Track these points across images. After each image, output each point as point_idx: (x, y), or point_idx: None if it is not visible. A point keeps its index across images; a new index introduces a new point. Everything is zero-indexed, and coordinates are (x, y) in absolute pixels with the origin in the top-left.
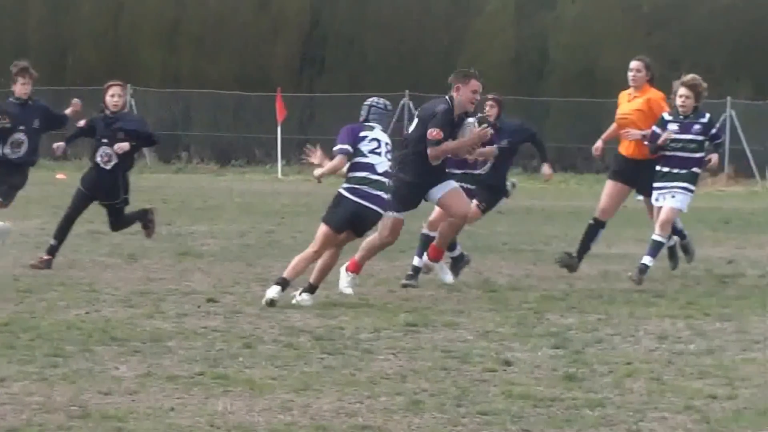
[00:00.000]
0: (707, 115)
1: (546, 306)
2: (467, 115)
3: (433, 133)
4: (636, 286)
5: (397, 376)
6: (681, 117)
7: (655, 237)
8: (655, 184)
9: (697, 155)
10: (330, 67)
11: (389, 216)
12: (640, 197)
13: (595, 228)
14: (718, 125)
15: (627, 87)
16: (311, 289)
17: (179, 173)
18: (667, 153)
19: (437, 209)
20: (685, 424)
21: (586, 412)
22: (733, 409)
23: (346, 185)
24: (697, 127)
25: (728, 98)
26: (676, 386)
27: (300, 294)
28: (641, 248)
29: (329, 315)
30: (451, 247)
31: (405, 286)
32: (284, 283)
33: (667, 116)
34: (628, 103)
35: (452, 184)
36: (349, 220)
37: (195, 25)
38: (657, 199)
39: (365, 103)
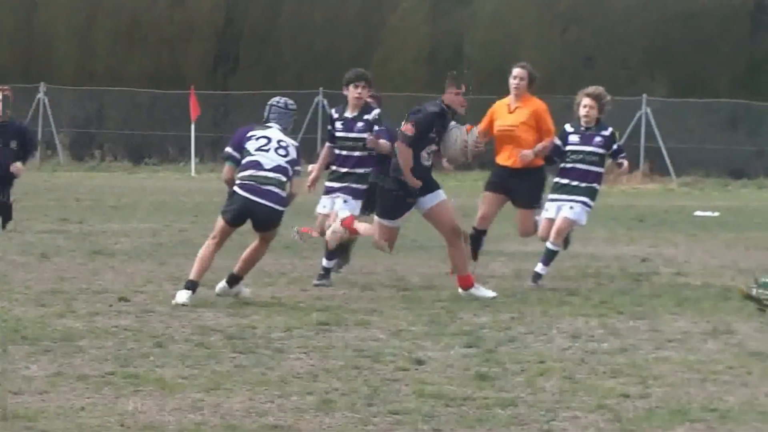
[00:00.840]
0: (610, 129)
1: (459, 304)
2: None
3: (407, 126)
4: (549, 284)
5: (308, 375)
6: (583, 128)
7: (549, 245)
8: (552, 196)
9: (598, 169)
10: (244, 65)
11: (386, 224)
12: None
13: (478, 237)
14: (620, 143)
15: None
16: (233, 279)
17: (93, 171)
18: (567, 165)
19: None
20: (597, 423)
21: (498, 411)
22: (646, 408)
23: (238, 182)
24: (598, 139)
25: (644, 96)
26: (589, 385)
27: (224, 283)
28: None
29: (241, 314)
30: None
31: (317, 285)
32: (193, 286)
33: (569, 128)
34: (509, 115)
35: (442, 195)
36: (241, 214)
37: (110, 23)
38: (548, 209)
39: (268, 102)
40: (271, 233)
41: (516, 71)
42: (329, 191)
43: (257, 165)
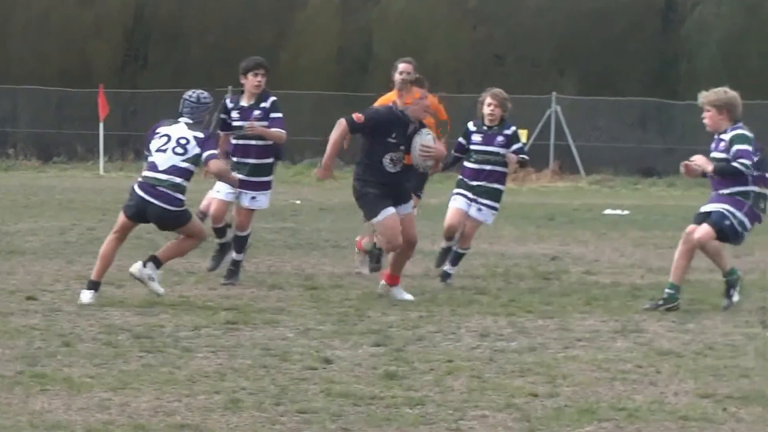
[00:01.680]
0: (512, 128)
1: (367, 303)
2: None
3: (356, 116)
4: (458, 283)
5: (216, 374)
6: (485, 128)
7: (459, 250)
8: (463, 191)
9: (502, 169)
10: (153, 63)
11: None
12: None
13: None
14: (525, 142)
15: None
16: (152, 259)
17: (9, 171)
18: (472, 165)
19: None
20: (506, 422)
21: (406, 410)
22: (554, 407)
23: (138, 180)
24: (500, 139)
25: (553, 93)
26: (497, 384)
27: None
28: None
29: (149, 313)
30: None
31: (225, 284)
32: (95, 286)
33: (471, 126)
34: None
35: (409, 208)
36: (138, 212)
37: (21, 20)
38: (455, 200)
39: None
40: (186, 229)
41: (403, 66)
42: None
43: (153, 166)
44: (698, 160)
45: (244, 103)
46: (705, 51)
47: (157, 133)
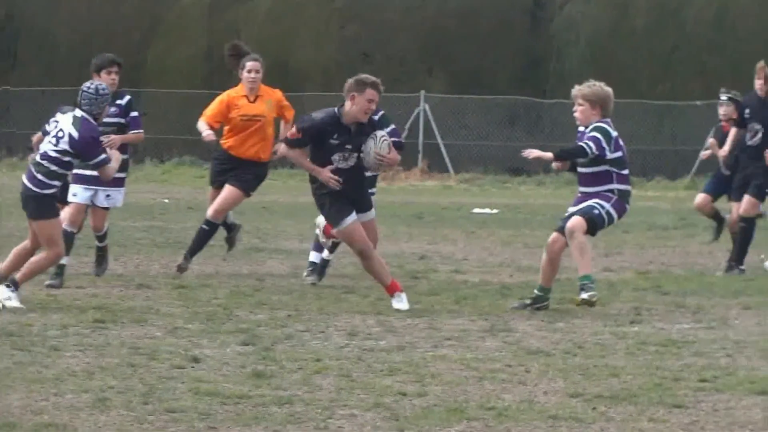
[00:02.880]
0: (380, 111)
1: (235, 302)
2: (372, 127)
3: (293, 130)
4: (326, 282)
5: (84, 373)
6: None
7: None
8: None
9: None
10: (23, 61)
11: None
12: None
13: (211, 232)
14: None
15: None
16: (13, 282)
17: None
18: None
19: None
20: (375, 421)
21: (274, 409)
22: (423, 407)
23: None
24: None
25: (422, 92)
26: (366, 383)
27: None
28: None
29: (18, 311)
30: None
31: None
32: (15, 284)
33: None
34: (252, 104)
35: (371, 215)
36: (22, 199)
37: None
38: None
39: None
40: (45, 231)
41: (252, 64)
42: (82, 180)
43: (41, 152)
44: (533, 153)
45: None
46: (574, 49)
47: (56, 120)
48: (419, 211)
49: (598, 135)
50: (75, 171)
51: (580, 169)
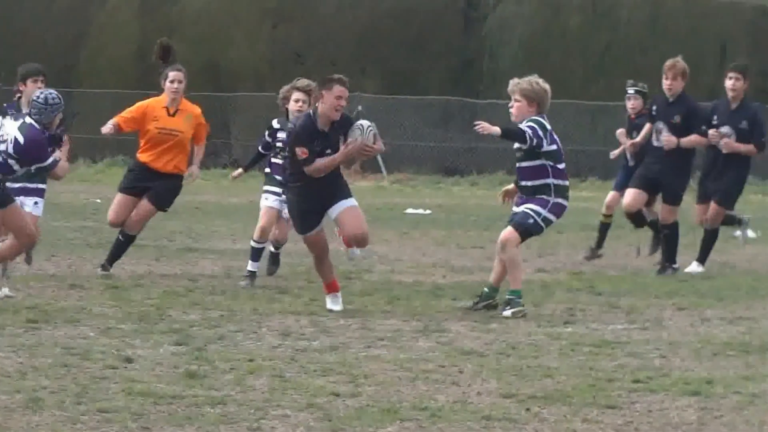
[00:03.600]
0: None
1: (169, 302)
2: (347, 120)
3: (298, 152)
4: (259, 282)
5: (17, 373)
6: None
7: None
8: (274, 188)
9: None
10: None
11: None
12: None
13: (127, 243)
14: None
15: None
16: None
17: None
18: (282, 162)
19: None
20: (308, 421)
21: (207, 409)
22: (356, 407)
23: None
24: None
25: (357, 93)
26: (299, 383)
27: None
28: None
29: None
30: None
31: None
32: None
33: (275, 124)
34: (172, 117)
35: (351, 201)
36: None
37: None
38: (267, 198)
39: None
40: (10, 221)
41: (175, 74)
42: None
43: None
44: (484, 125)
45: (25, 110)
46: (507, 49)
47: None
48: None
49: (534, 125)
50: None
51: (518, 164)
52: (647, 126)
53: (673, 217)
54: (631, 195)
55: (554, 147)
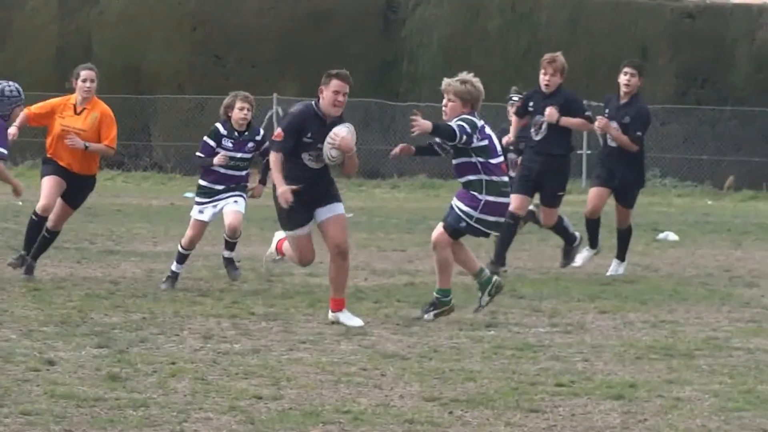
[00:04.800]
0: (261, 131)
1: (90, 304)
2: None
3: (276, 132)
4: (180, 285)
5: None
6: (236, 134)
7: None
8: (206, 199)
9: (245, 173)
10: None
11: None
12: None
13: (50, 239)
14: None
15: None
16: None
17: None
18: (222, 171)
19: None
20: (230, 424)
21: (130, 412)
22: (279, 410)
23: None
24: (251, 145)
25: (275, 95)
26: (221, 386)
27: None
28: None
29: None
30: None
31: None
32: None
33: (222, 130)
34: (77, 116)
35: (339, 209)
36: None
37: None
38: (202, 212)
39: None
40: None
41: (87, 73)
42: None
43: None
44: (419, 121)
45: None
46: (427, 51)
47: None
48: (275, 214)
49: (462, 123)
50: None
51: (453, 161)
52: (514, 120)
53: (551, 221)
54: (517, 200)
55: (485, 142)
